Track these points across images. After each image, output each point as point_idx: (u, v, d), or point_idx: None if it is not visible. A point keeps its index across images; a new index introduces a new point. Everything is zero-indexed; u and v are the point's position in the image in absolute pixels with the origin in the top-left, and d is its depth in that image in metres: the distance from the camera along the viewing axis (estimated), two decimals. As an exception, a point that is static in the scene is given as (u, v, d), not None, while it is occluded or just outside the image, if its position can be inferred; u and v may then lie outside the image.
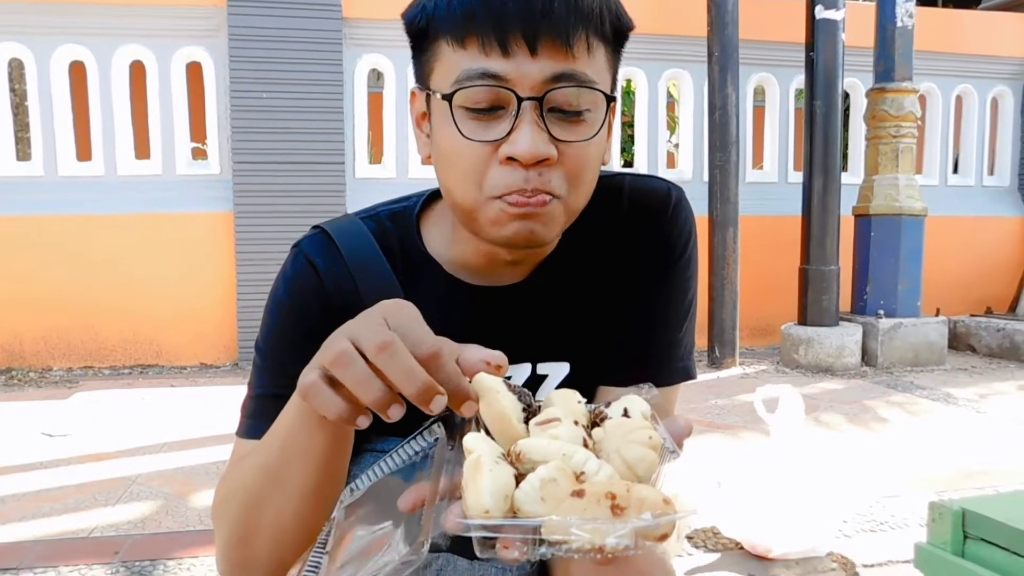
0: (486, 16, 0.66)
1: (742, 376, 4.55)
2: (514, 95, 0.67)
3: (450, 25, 0.68)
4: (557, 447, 0.52)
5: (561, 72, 0.67)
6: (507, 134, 0.68)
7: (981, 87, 6.05)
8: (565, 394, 0.62)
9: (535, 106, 0.67)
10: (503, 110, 0.68)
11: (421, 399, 0.53)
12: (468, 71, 0.67)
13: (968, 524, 1.44)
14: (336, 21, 4.72)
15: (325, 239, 0.81)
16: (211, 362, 4.78)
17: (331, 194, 4.73)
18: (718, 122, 4.65)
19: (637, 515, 0.45)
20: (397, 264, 0.81)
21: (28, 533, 2.21)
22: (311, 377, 0.56)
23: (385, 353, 0.53)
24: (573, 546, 0.46)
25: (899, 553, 2.07)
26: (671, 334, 0.86)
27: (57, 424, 3.33)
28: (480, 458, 0.50)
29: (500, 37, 0.66)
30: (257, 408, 0.79)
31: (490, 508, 0.47)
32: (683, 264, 0.85)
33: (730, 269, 4.68)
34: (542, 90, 0.67)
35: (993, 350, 5.26)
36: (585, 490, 0.47)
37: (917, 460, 2.94)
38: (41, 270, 4.56)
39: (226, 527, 0.74)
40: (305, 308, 0.78)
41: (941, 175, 6.03)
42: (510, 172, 0.68)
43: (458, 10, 0.67)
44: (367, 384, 0.53)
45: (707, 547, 2.11)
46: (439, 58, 0.70)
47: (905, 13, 4.74)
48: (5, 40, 4.57)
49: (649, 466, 0.53)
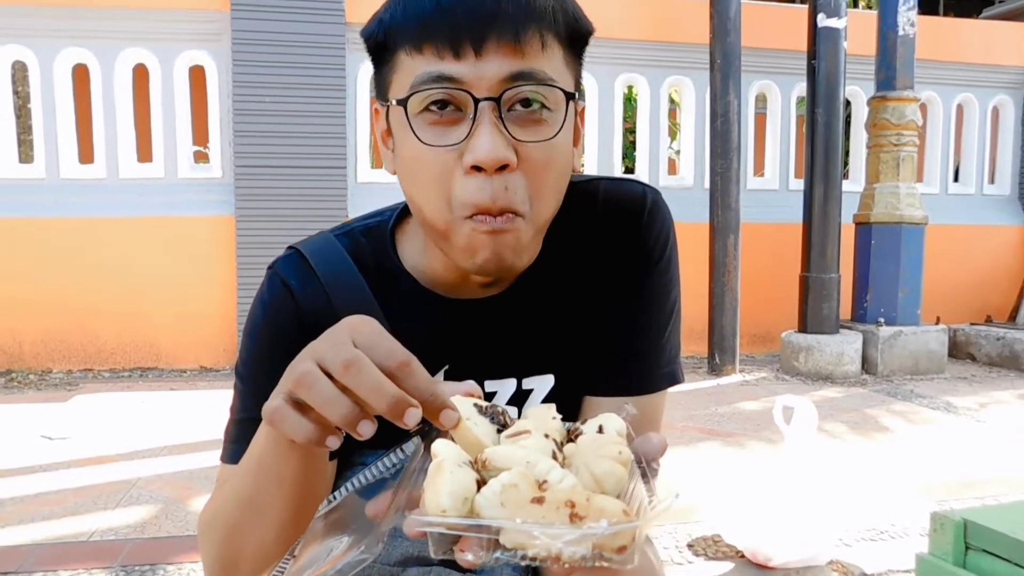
0: (439, 21, 0.65)
1: (742, 383, 4.55)
2: (470, 96, 0.66)
3: (406, 33, 0.67)
4: (523, 454, 0.52)
5: (516, 71, 0.66)
6: (465, 138, 0.66)
7: (982, 96, 6.06)
8: (541, 409, 0.62)
9: (492, 107, 0.66)
10: (460, 113, 0.67)
11: (393, 413, 0.52)
12: (422, 75, 0.66)
13: (969, 535, 1.44)
14: (339, 26, 4.73)
15: (298, 259, 0.80)
16: (211, 365, 4.78)
17: (333, 198, 4.74)
18: (720, 129, 4.66)
19: (595, 524, 0.45)
20: (373, 280, 0.80)
21: (27, 537, 2.20)
22: (275, 402, 0.55)
23: (352, 370, 0.52)
24: (529, 552, 0.46)
25: (900, 562, 2.07)
26: (654, 339, 0.84)
27: (57, 427, 3.33)
28: (443, 462, 0.50)
29: (452, 40, 0.65)
30: (238, 432, 0.79)
31: (447, 508, 0.47)
32: (662, 267, 0.83)
33: (731, 276, 4.68)
34: (499, 90, 0.66)
35: (993, 359, 5.26)
36: (545, 497, 0.47)
37: (917, 469, 2.94)
38: (42, 272, 4.56)
39: (211, 554, 0.74)
40: (281, 330, 0.77)
41: (942, 183, 6.04)
42: (475, 183, 0.66)
43: (413, 18, 0.67)
44: (333, 403, 0.52)
45: (708, 555, 2.11)
46: (397, 68, 0.70)
47: (907, 22, 4.76)
48: (9, 43, 4.58)
49: (617, 481, 0.52)
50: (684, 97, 5.57)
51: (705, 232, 4.73)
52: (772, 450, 3.08)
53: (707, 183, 4.91)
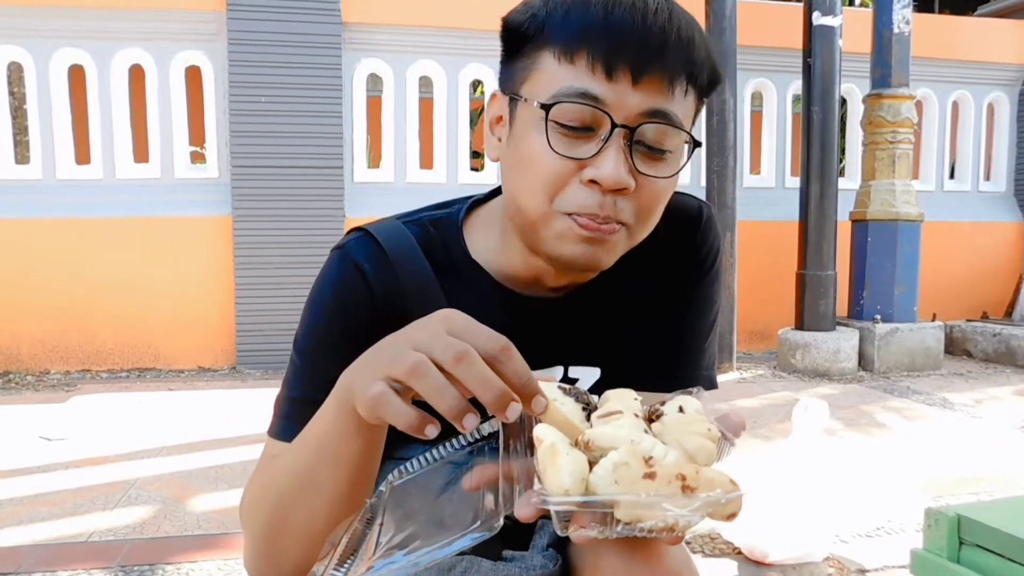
0: (602, 37, 0.67)
1: (739, 381, 4.56)
2: (609, 119, 0.68)
3: (562, 38, 0.68)
4: (624, 434, 0.55)
5: (657, 109, 0.69)
6: (593, 156, 0.69)
7: (977, 93, 6.08)
8: (621, 392, 0.65)
9: (625, 134, 0.69)
10: (592, 132, 0.69)
11: (498, 405, 0.54)
12: (571, 88, 0.68)
13: (964, 530, 1.45)
14: (335, 25, 4.73)
15: (371, 241, 0.81)
16: (209, 366, 4.78)
17: (330, 198, 4.74)
18: (715, 127, 4.67)
19: (707, 494, 0.49)
20: (440, 269, 0.81)
21: (26, 537, 2.21)
22: (378, 388, 0.56)
23: (463, 363, 0.54)
24: (647, 524, 0.49)
25: (896, 558, 2.08)
26: (697, 344, 0.90)
27: (55, 427, 3.33)
28: (555, 444, 0.53)
29: (609, 61, 0.67)
30: (291, 410, 0.79)
31: (569, 487, 0.50)
32: (711, 278, 0.89)
33: (727, 274, 4.69)
34: (636, 121, 0.69)
35: (989, 355, 5.27)
36: (656, 472, 0.50)
37: (913, 465, 2.95)
38: (39, 273, 4.56)
39: (256, 526, 0.74)
40: (351, 312, 0.78)
41: (937, 180, 6.05)
42: (587, 193, 0.70)
43: (575, 25, 0.68)
44: (444, 393, 0.53)
45: (704, 552, 2.12)
46: (539, 67, 0.71)
47: (902, 19, 4.77)
48: (4, 43, 4.57)
49: (708, 456, 0.56)
50: (680, 95, 5.57)
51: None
52: (769, 447, 3.09)
53: (703, 181, 4.91)
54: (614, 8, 0.67)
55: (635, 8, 0.67)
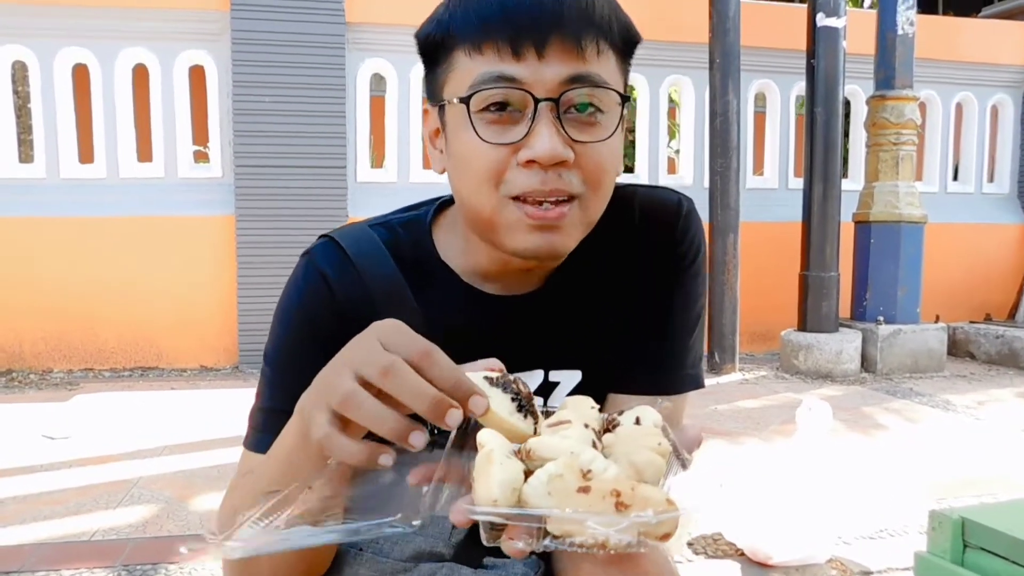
0: (502, 23, 0.68)
1: (741, 382, 4.56)
2: (531, 96, 0.68)
3: (468, 34, 0.69)
4: (566, 445, 0.53)
5: (575, 74, 0.69)
6: (524, 136, 0.69)
7: (981, 95, 6.07)
8: (579, 400, 0.64)
9: (551, 107, 0.68)
10: (520, 113, 0.69)
11: (435, 414, 0.52)
12: (484, 75, 0.69)
13: (968, 533, 1.44)
14: (339, 25, 4.74)
15: (335, 248, 0.80)
16: (211, 365, 4.79)
17: (332, 198, 4.74)
18: (719, 128, 4.67)
19: (640, 513, 0.46)
20: (409, 272, 0.80)
21: (29, 536, 2.21)
22: (324, 429, 0.55)
23: (391, 375, 0.53)
24: (577, 540, 0.47)
25: (898, 560, 2.08)
26: (680, 343, 0.87)
27: (58, 426, 3.34)
28: (492, 452, 0.52)
29: (514, 42, 0.68)
30: (265, 421, 0.79)
31: (498, 498, 0.49)
32: (692, 273, 0.86)
33: (730, 275, 4.69)
34: (558, 91, 0.69)
35: (992, 357, 5.26)
36: (591, 486, 0.48)
37: (916, 467, 2.94)
38: (42, 272, 4.57)
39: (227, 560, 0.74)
40: (317, 319, 0.77)
41: (941, 182, 6.04)
42: (528, 174, 0.69)
43: (475, 19, 0.69)
44: (383, 419, 0.52)
45: (708, 553, 2.12)
46: (455, 67, 0.72)
47: (906, 21, 4.76)
48: (9, 42, 4.58)
49: (656, 471, 0.54)
50: (683, 96, 5.57)
51: (705, 231, 4.73)
52: (772, 448, 3.09)
53: (706, 182, 4.91)
54: None
55: None
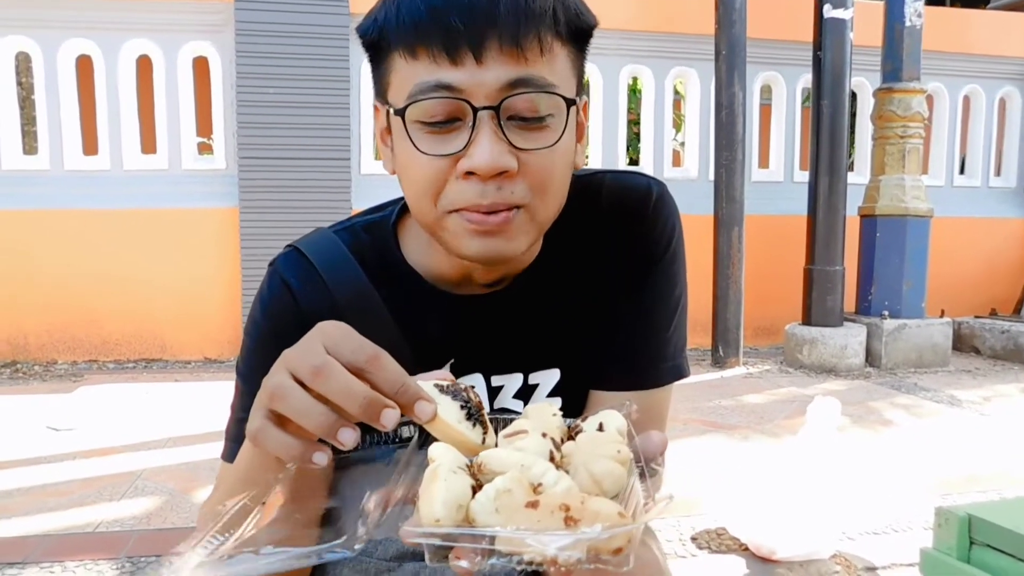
0: (433, 26, 0.63)
1: (746, 376, 4.55)
2: (469, 106, 0.64)
3: (400, 36, 0.65)
4: (517, 458, 0.52)
5: (516, 78, 0.64)
6: (464, 147, 0.65)
7: (989, 87, 6.03)
8: (541, 407, 0.62)
9: (492, 115, 0.64)
10: (460, 122, 0.65)
11: (368, 415, 0.51)
12: (420, 84, 0.65)
13: (974, 530, 1.44)
14: (343, 17, 4.72)
15: (298, 257, 0.79)
16: (215, 357, 4.79)
17: (336, 190, 4.73)
18: (724, 121, 4.64)
19: (590, 527, 0.45)
20: (375, 276, 0.79)
21: (33, 527, 2.22)
22: (257, 422, 0.54)
23: (321, 375, 0.52)
24: (525, 557, 0.45)
25: (903, 556, 2.07)
26: (659, 334, 0.84)
27: (62, 418, 3.34)
28: (438, 468, 0.50)
29: (448, 46, 0.63)
30: (238, 432, 0.78)
31: (441, 517, 0.47)
32: (667, 261, 0.82)
33: (735, 268, 4.67)
34: (498, 98, 0.64)
35: (997, 352, 5.24)
36: (540, 501, 0.47)
37: (921, 462, 2.93)
38: (46, 263, 4.57)
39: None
40: (281, 329, 0.75)
41: (947, 176, 6.01)
42: (467, 186, 0.66)
43: (407, 21, 0.64)
44: (309, 412, 0.52)
45: (711, 548, 2.11)
46: (394, 71, 0.68)
47: (913, 13, 4.73)
48: (12, 34, 4.57)
49: (616, 480, 0.53)
50: (689, 88, 5.55)
51: (709, 224, 4.72)
52: (776, 443, 3.08)
53: (712, 175, 4.89)
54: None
55: None
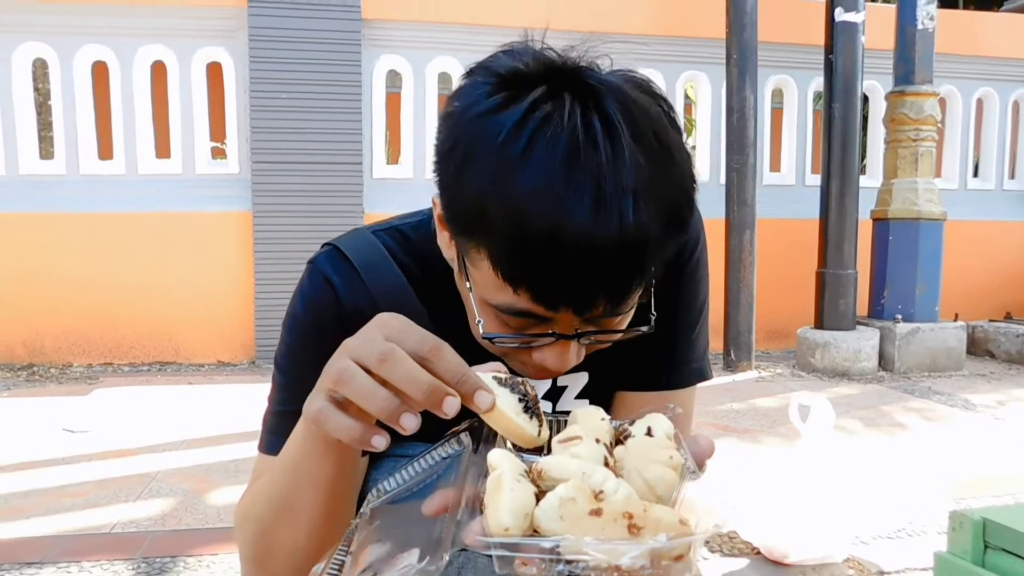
0: (544, 282, 0.60)
1: (757, 379, 4.53)
2: (553, 333, 0.65)
3: (503, 267, 0.61)
4: (577, 466, 0.53)
5: (607, 327, 0.67)
6: (540, 346, 0.66)
7: (1002, 90, 5.99)
8: (589, 411, 0.63)
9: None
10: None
11: (431, 402, 0.53)
12: (512, 306, 0.63)
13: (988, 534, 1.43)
14: (355, 22, 4.75)
15: (338, 255, 0.81)
16: (228, 360, 4.82)
17: (348, 194, 4.76)
18: (735, 124, 4.64)
19: (653, 535, 0.46)
20: (413, 276, 0.81)
21: (50, 528, 2.24)
22: (318, 403, 0.56)
23: (387, 362, 0.53)
24: (590, 564, 0.46)
25: (917, 560, 2.07)
26: (684, 337, 0.87)
27: (78, 420, 3.38)
28: (501, 476, 0.51)
29: (550, 301, 0.61)
30: (277, 424, 0.80)
31: (509, 526, 0.48)
32: (691, 268, 0.85)
33: (746, 272, 4.66)
34: (584, 328, 0.65)
35: (1012, 356, 5.21)
36: (603, 509, 0.48)
37: (935, 466, 2.92)
38: (62, 267, 4.62)
39: (244, 547, 0.76)
40: (323, 324, 0.78)
41: (961, 179, 5.98)
42: (528, 362, 0.69)
43: (517, 263, 0.60)
44: (373, 395, 0.53)
45: (724, 552, 2.11)
46: (479, 265, 0.64)
47: (926, 15, 4.71)
48: (30, 40, 4.63)
49: (668, 486, 0.53)
50: (700, 92, 5.54)
51: (721, 228, 4.71)
52: (788, 447, 3.07)
53: (723, 179, 4.88)
54: (557, 249, 0.58)
55: (578, 244, 0.57)
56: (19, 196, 4.62)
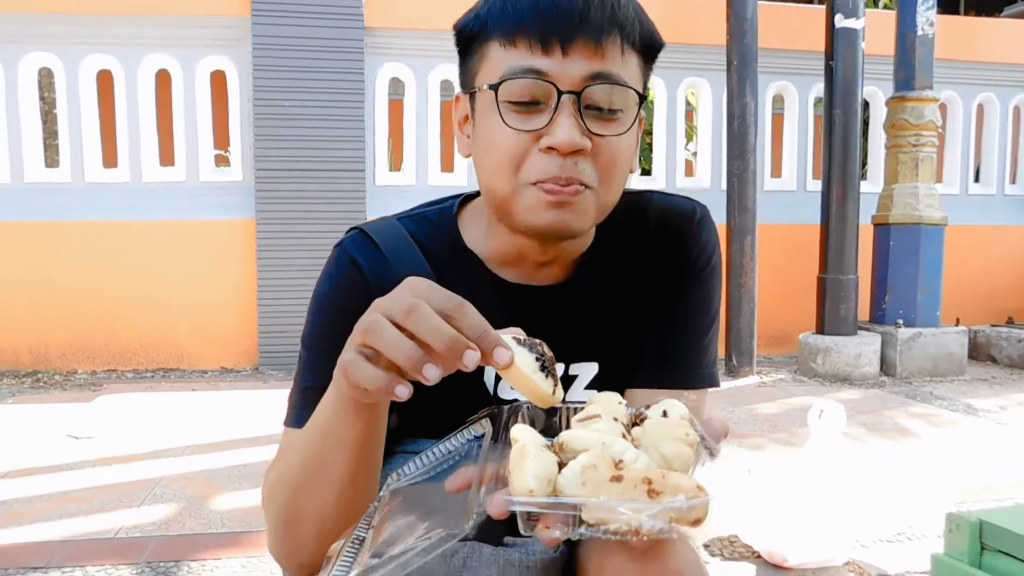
0: (534, 19, 0.74)
1: (759, 385, 4.54)
2: (555, 88, 0.74)
3: (502, 27, 0.76)
4: (597, 437, 0.56)
5: (597, 72, 0.74)
6: (546, 125, 0.74)
7: (1003, 95, 6.00)
8: (606, 396, 0.66)
9: (573, 100, 0.74)
10: (543, 104, 0.75)
11: (453, 354, 0.56)
12: (514, 67, 0.75)
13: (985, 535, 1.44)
14: (358, 30, 4.78)
15: (365, 239, 0.86)
16: (232, 367, 4.84)
17: (351, 201, 4.78)
18: (736, 131, 4.66)
19: (672, 499, 0.49)
20: (436, 261, 0.86)
21: (55, 533, 2.25)
22: (348, 355, 0.60)
23: (413, 315, 0.57)
24: (611, 527, 0.49)
25: (917, 564, 2.07)
26: (696, 341, 0.91)
27: (82, 426, 3.39)
28: (525, 445, 0.54)
29: (544, 38, 0.73)
30: (303, 400, 0.84)
31: (534, 488, 0.51)
32: (705, 276, 0.90)
33: (747, 277, 4.67)
34: (580, 86, 0.74)
35: (1014, 360, 5.20)
36: (623, 476, 0.51)
37: (936, 471, 2.92)
38: (67, 274, 4.65)
39: (274, 513, 0.79)
40: (350, 302, 0.81)
41: (962, 184, 5.98)
42: (547, 160, 0.75)
43: (511, 13, 0.75)
44: (399, 345, 0.57)
45: (724, 555, 2.12)
46: (488, 58, 0.78)
47: (926, 21, 4.73)
48: (35, 50, 4.67)
49: (684, 462, 0.56)
50: (701, 99, 5.56)
51: (722, 233, 4.72)
52: (789, 451, 3.08)
53: (724, 185, 4.90)
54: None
55: None
56: (24, 204, 4.65)
